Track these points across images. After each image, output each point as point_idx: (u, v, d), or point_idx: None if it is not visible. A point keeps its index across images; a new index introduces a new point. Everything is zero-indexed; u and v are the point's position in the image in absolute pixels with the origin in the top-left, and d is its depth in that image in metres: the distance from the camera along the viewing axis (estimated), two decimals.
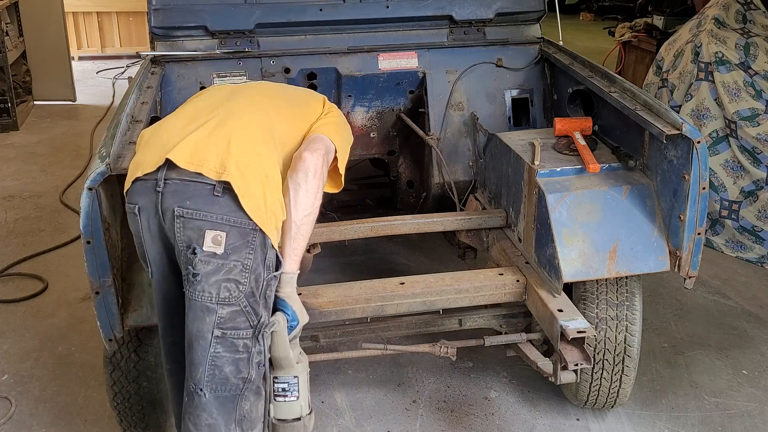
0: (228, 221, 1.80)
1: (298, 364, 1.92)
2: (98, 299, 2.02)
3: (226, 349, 1.82)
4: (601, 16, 12.54)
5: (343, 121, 2.37)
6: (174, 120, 2.04)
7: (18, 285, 3.89)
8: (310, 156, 2.01)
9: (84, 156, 5.86)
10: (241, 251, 1.81)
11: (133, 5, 9.25)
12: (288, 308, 1.94)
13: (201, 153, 1.84)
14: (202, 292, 1.79)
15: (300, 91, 2.44)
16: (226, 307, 1.81)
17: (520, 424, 2.85)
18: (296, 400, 1.92)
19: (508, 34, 3.33)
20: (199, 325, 1.81)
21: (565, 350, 2.35)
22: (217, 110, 2.01)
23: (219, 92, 2.21)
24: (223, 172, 1.80)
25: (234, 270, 1.80)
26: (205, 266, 1.78)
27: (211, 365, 1.82)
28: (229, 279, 1.80)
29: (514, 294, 2.60)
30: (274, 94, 2.25)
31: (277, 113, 2.12)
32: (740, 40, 4.22)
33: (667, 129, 2.26)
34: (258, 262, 1.83)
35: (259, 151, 1.92)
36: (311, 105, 2.29)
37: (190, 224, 1.79)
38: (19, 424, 2.86)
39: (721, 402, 2.99)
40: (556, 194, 2.37)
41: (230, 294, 1.81)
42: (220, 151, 1.85)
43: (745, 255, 4.19)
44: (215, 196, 1.79)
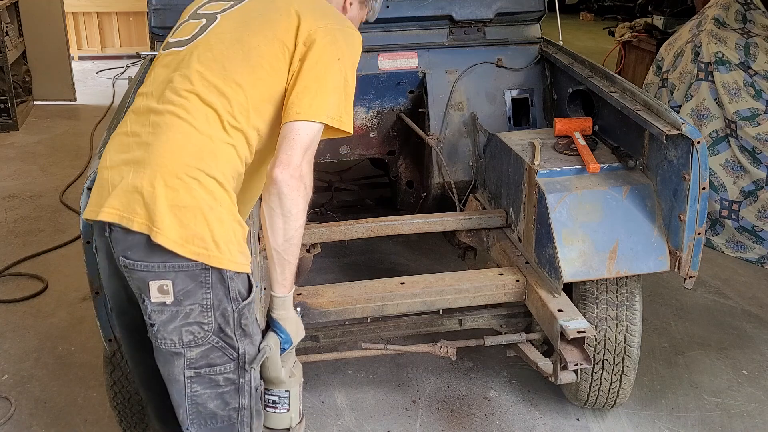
0: (172, 268, 1.59)
1: (291, 378, 1.85)
2: (98, 299, 2.02)
3: (205, 386, 1.69)
4: (601, 16, 12.54)
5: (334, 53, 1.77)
6: (115, 137, 1.78)
7: (18, 285, 3.89)
8: (281, 174, 1.66)
9: (84, 156, 5.86)
10: (195, 294, 1.61)
11: (133, 5, 9.25)
12: (282, 330, 1.81)
13: (129, 204, 1.60)
14: (163, 340, 1.64)
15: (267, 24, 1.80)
16: (194, 348, 1.65)
17: (520, 424, 2.85)
18: (286, 412, 1.87)
19: (508, 34, 3.33)
20: (169, 368, 1.67)
21: (565, 350, 2.35)
22: (147, 125, 1.70)
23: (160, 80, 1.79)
24: (152, 229, 1.57)
25: (192, 313, 1.62)
26: (159, 316, 1.61)
27: (192, 404, 1.70)
28: (189, 323, 1.62)
29: (514, 294, 2.60)
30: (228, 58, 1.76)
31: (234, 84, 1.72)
32: (740, 40, 4.22)
33: (667, 129, 2.26)
34: (220, 298, 1.63)
35: (196, 174, 1.62)
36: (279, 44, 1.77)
37: (135, 275, 1.62)
38: (19, 424, 2.86)
39: (721, 402, 2.99)
40: (556, 194, 2.37)
41: (195, 336, 1.64)
42: (147, 199, 1.58)
43: (745, 255, 4.19)
44: (153, 244, 1.58)
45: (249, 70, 1.74)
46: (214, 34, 1.80)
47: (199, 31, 1.83)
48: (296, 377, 1.87)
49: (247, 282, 1.70)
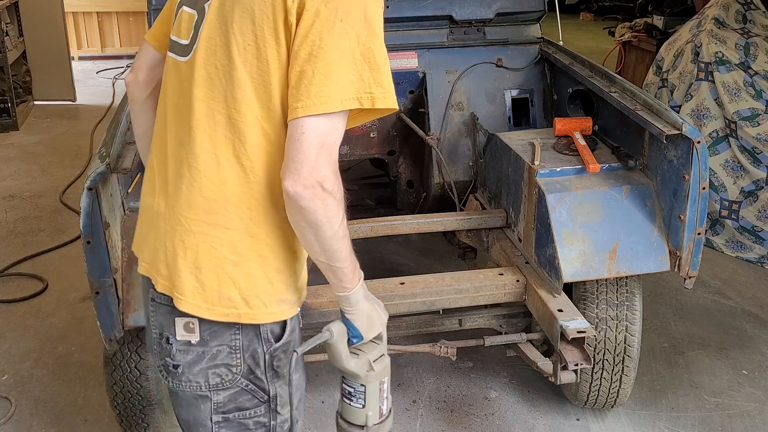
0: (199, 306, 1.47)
1: (368, 372, 1.69)
2: (98, 299, 2.02)
3: (234, 431, 1.56)
4: (601, 16, 12.54)
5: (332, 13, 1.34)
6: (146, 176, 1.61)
7: (18, 285, 3.89)
8: (292, 187, 1.32)
9: (84, 156, 5.86)
10: (223, 334, 1.47)
11: (133, 5, 9.25)
12: (350, 325, 1.63)
13: (154, 262, 1.50)
14: (188, 383, 1.50)
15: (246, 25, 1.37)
16: (222, 392, 1.51)
17: (520, 424, 2.85)
18: (361, 408, 1.72)
19: (508, 34, 3.33)
20: (194, 413, 1.54)
21: (565, 350, 2.35)
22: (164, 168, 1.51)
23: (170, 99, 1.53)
24: (174, 294, 1.45)
25: (219, 355, 1.48)
26: (184, 356, 1.47)
27: None
28: (217, 365, 1.48)
29: (514, 294, 2.60)
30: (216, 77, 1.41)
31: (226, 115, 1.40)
32: (740, 40, 4.22)
33: (667, 129, 2.26)
34: (250, 339, 1.49)
35: (213, 230, 1.43)
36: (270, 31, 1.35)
37: (161, 310, 1.50)
38: (19, 424, 2.86)
39: (721, 402, 2.99)
40: (556, 194, 2.37)
41: (222, 379, 1.50)
42: (169, 260, 1.46)
43: (745, 255, 4.19)
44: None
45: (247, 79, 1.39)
46: (204, 37, 1.43)
47: (194, 32, 1.48)
48: (376, 373, 1.69)
49: (281, 327, 1.53)
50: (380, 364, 1.70)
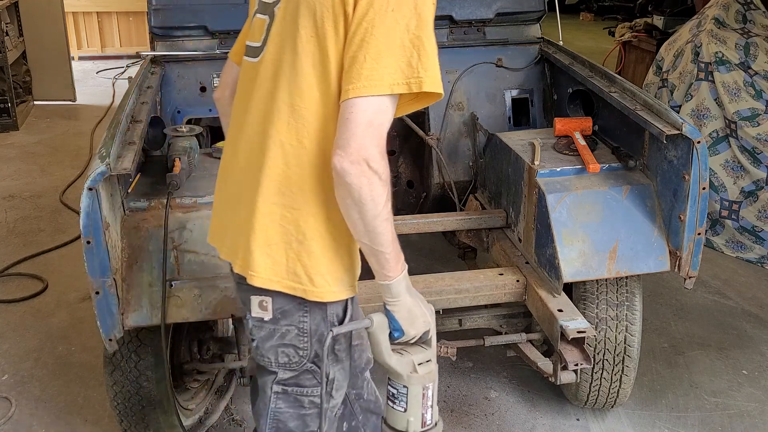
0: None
1: (411, 374, 1.66)
2: (98, 299, 2.02)
3: (289, 405, 1.67)
4: (601, 16, 12.54)
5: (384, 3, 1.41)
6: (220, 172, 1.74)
7: (18, 285, 3.89)
8: (341, 163, 1.40)
9: (84, 156, 5.86)
10: (293, 315, 1.58)
11: (133, 5, 9.25)
12: (392, 317, 1.63)
13: (233, 246, 1.62)
14: (261, 357, 1.65)
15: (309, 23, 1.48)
16: (288, 371, 1.64)
17: (520, 424, 2.85)
18: (403, 411, 1.70)
19: (508, 34, 3.33)
20: (263, 379, 1.69)
21: (565, 350, 2.35)
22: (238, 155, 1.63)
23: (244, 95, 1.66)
24: (249, 273, 1.55)
25: (288, 335, 1.60)
26: (258, 331, 1.62)
27: (274, 419, 1.69)
28: (285, 344, 1.61)
29: (514, 294, 2.60)
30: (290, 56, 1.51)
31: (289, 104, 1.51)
32: (740, 40, 4.22)
33: (667, 129, 2.26)
34: (318, 323, 1.59)
35: (282, 209, 1.53)
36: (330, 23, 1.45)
37: (241, 288, 1.63)
38: (19, 424, 2.86)
39: (721, 402, 2.99)
40: (556, 194, 2.37)
41: (289, 359, 1.62)
42: (243, 241, 1.56)
43: (745, 255, 4.19)
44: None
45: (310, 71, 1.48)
46: (273, 36, 1.57)
47: (265, 35, 1.61)
48: (419, 376, 1.66)
49: (344, 306, 1.62)
50: (425, 368, 1.67)
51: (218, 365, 2.69)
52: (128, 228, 2.13)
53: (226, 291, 2.12)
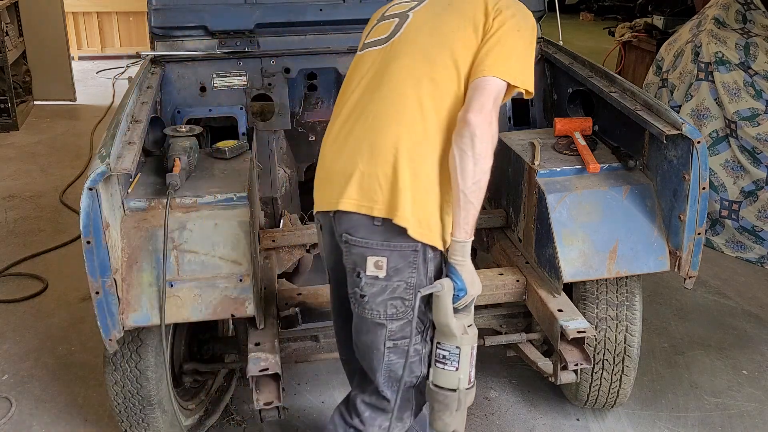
0: (388, 247, 1.84)
1: (463, 335, 1.89)
2: (98, 299, 2.02)
3: (399, 356, 1.93)
4: (601, 16, 12.55)
5: (515, 24, 1.95)
6: (329, 135, 2.00)
7: (18, 285, 3.89)
8: (475, 118, 1.78)
9: (84, 156, 5.86)
10: (403, 272, 1.86)
11: (133, 5, 9.25)
12: (457, 277, 1.88)
13: (366, 195, 1.85)
14: (370, 311, 1.89)
15: (458, 9, 2.00)
16: (395, 321, 1.90)
17: (520, 424, 2.85)
18: (455, 371, 1.91)
19: None
20: (371, 337, 1.93)
21: (565, 350, 2.35)
22: (368, 109, 1.92)
23: (367, 74, 2.01)
24: (395, 214, 1.81)
25: (398, 289, 1.87)
26: (370, 288, 1.87)
27: (387, 370, 1.96)
28: (395, 297, 1.87)
29: (514, 294, 2.60)
30: (428, 42, 1.96)
31: (432, 71, 1.91)
32: (740, 40, 4.22)
33: (667, 129, 2.26)
34: (421, 278, 1.88)
35: (415, 167, 1.84)
36: (471, 23, 1.95)
37: (354, 250, 1.87)
38: (19, 424, 2.86)
39: (721, 402, 2.99)
40: (556, 194, 2.37)
41: (397, 310, 1.89)
42: (385, 186, 1.83)
43: (745, 255, 4.19)
44: (375, 226, 1.84)
45: (449, 54, 1.92)
46: (411, 29, 2.02)
47: (395, 28, 2.05)
48: (470, 337, 1.91)
49: (440, 262, 1.92)
50: (472, 330, 1.93)
51: (218, 365, 2.69)
52: (128, 228, 2.13)
53: (226, 291, 2.12)
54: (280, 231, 2.98)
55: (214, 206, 2.19)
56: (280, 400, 2.17)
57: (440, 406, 1.95)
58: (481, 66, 1.88)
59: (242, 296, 2.13)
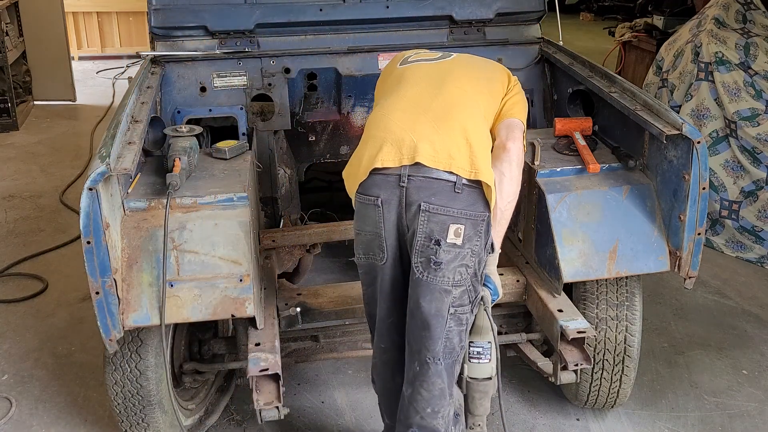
0: (465, 215, 1.99)
1: (492, 331, 2.17)
2: (98, 299, 2.02)
3: (456, 323, 2.06)
4: (601, 16, 12.54)
5: (522, 93, 2.39)
6: (394, 111, 2.14)
7: (18, 285, 3.89)
8: (513, 146, 2.13)
9: (84, 156, 5.86)
10: (472, 239, 2.01)
11: (133, 5, 9.25)
12: (491, 283, 2.18)
13: (444, 152, 2.02)
14: (442, 278, 2.01)
15: (488, 67, 2.41)
16: (458, 288, 2.04)
17: (520, 424, 2.85)
18: (488, 362, 2.17)
19: (508, 34, 3.33)
20: (438, 305, 2.03)
21: (565, 350, 2.35)
22: (435, 100, 2.13)
23: (425, 77, 2.26)
24: (478, 172, 2.00)
25: (466, 256, 2.02)
26: (446, 255, 1.99)
27: (446, 338, 2.06)
28: (463, 264, 2.02)
29: (514, 294, 2.60)
30: (472, 74, 2.29)
31: (479, 94, 2.22)
32: (740, 40, 4.22)
33: (667, 129, 2.26)
34: (482, 247, 2.05)
35: (486, 143, 2.10)
36: (499, 81, 2.32)
37: (435, 218, 1.99)
38: (19, 424, 2.86)
39: (721, 402, 2.99)
40: (556, 194, 2.37)
41: (461, 277, 2.03)
42: (464, 151, 2.02)
43: (745, 255, 4.19)
44: (456, 193, 1.99)
45: (488, 88, 2.25)
46: (457, 60, 2.34)
47: (442, 56, 2.36)
48: (495, 333, 2.19)
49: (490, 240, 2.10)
50: (494, 325, 2.22)
51: (218, 365, 2.69)
52: (128, 228, 2.13)
53: (226, 291, 2.12)
54: (280, 231, 2.98)
55: (214, 206, 2.20)
56: (280, 400, 2.18)
57: (480, 395, 2.22)
58: (511, 111, 2.24)
59: (242, 296, 2.13)
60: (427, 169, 2.01)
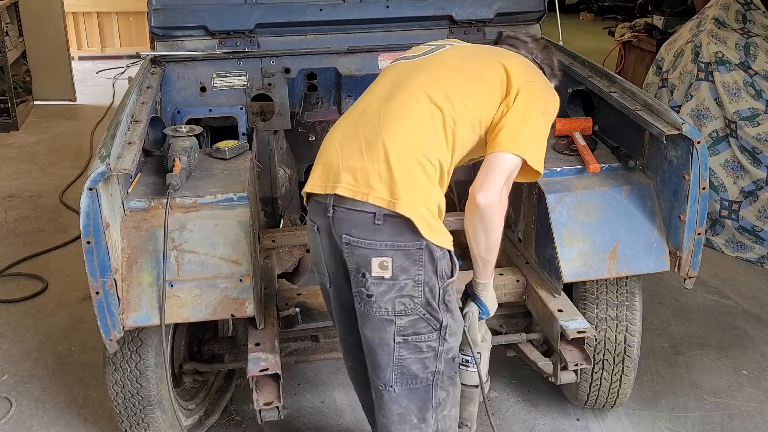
0: (392, 246, 1.83)
1: (482, 342, 2.18)
2: (98, 299, 2.02)
3: (410, 351, 1.93)
4: (601, 16, 12.53)
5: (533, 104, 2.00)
6: (338, 127, 2.02)
7: (18, 285, 3.89)
8: (484, 199, 1.88)
9: (84, 156, 5.86)
10: (409, 270, 1.85)
11: (133, 5, 9.25)
12: (482, 303, 2.14)
13: (364, 181, 1.85)
14: (379, 309, 1.88)
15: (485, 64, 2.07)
16: (404, 317, 1.89)
17: (520, 424, 2.85)
18: (476, 371, 2.19)
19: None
20: (380, 334, 1.92)
21: (565, 350, 2.35)
22: (378, 114, 1.95)
23: (389, 82, 2.06)
24: (396, 204, 1.81)
25: (406, 287, 1.86)
26: (376, 288, 1.86)
27: (398, 365, 1.95)
28: (402, 295, 1.87)
29: (514, 294, 2.60)
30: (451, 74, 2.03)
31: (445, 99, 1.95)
32: (740, 40, 4.22)
33: (667, 129, 2.26)
34: (430, 275, 1.87)
35: (422, 159, 1.87)
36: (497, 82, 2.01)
37: (357, 251, 1.85)
38: (19, 424, 2.86)
39: (721, 402, 2.99)
40: (556, 194, 2.37)
41: (405, 307, 1.88)
42: (385, 178, 1.84)
43: (745, 255, 4.19)
44: (376, 225, 1.82)
45: (473, 87, 1.98)
46: (446, 54, 2.11)
47: (429, 51, 2.14)
48: (487, 343, 2.20)
49: (451, 263, 1.93)
50: (488, 336, 2.23)
51: (218, 365, 2.69)
52: (128, 228, 2.13)
53: (226, 291, 2.12)
54: (280, 231, 2.98)
55: (214, 206, 2.19)
56: (280, 400, 2.18)
57: (465, 400, 2.23)
58: (498, 141, 1.93)
59: (242, 296, 2.13)
60: (348, 200, 1.86)
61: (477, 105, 1.97)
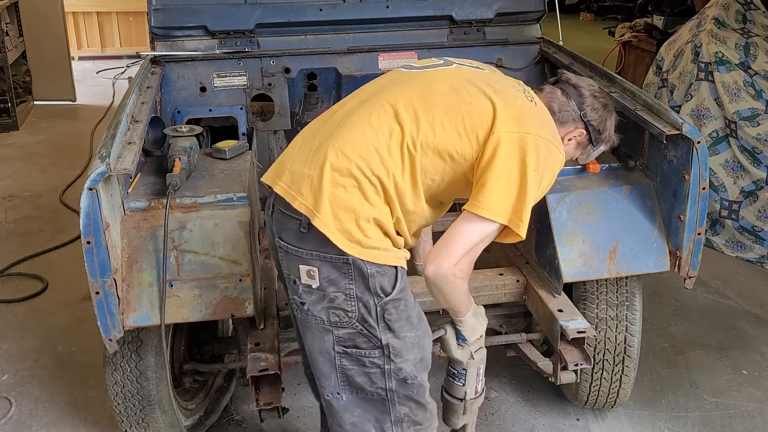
0: (318, 256, 1.76)
1: (470, 360, 2.09)
2: (98, 299, 2.02)
3: (352, 363, 1.86)
4: (601, 16, 12.54)
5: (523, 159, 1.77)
6: (309, 126, 1.95)
7: (18, 285, 3.89)
8: (433, 272, 1.78)
9: (84, 156, 5.86)
10: (338, 283, 1.77)
11: (133, 5, 9.25)
12: (460, 333, 2.07)
13: (296, 186, 1.77)
14: (314, 317, 1.83)
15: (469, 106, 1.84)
16: (341, 329, 1.83)
17: (520, 424, 2.85)
18: (462, 385, 2.13)
19: (508, 34, 3.33)
20: (319, 343, 1.86)
21: (565, 350, 2.35)
22: (341, 121, 1.85)
23: (378, 88, 1.94)
24: (314, 215, 1.72)
25: (337, 300, 1.79)
26: (308, 296, 1.82)
27: (342, 374, 1.88)
28: (335, 307, 1.80)
29: (514, 294, 2.60)
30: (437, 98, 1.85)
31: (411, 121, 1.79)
32: (740, 40, 4.22)
33: (667, 129, 2.26)
34: (362, 291, 1.78)
35: (358, 174, 1.74)
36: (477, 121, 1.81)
37: (287, 257, 1.82)
38: (19, 424, 2.86)
39: (721, 402, 2.99)
40: (556, 194, 2.37)
41: (340, 319, 1.81)
42: (315, 186, 1.74)
43: (745, 255, 4.19)
44: (302, 232, 1.77)
45: (450, 117, 1.80)
46: (442, 73, 1.94)
47: (431, 66, 2.00)
48: (475, 361, 2.11)
49: (393, 279, 1.79)
50: (479, 354, 2.12)
51: (218, 365, 2.69)
52: (128, 228, 2.13)
53: (226, 291, 2.12)
54: None
55: (214, 206, 2.19)
56: (280, 400, 2.18)
57: (449, 410, 2.19)
58: (476, 193, 1.77)
59: (242, 296, 2.13)
60: (282, 201, 1.80)
61: (448, 137, 1.79)
